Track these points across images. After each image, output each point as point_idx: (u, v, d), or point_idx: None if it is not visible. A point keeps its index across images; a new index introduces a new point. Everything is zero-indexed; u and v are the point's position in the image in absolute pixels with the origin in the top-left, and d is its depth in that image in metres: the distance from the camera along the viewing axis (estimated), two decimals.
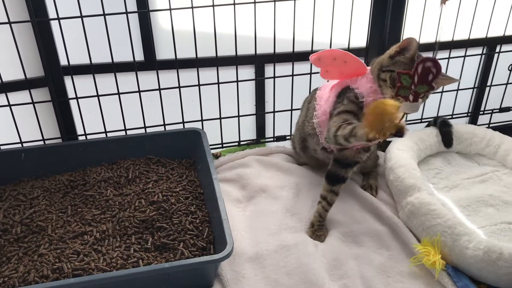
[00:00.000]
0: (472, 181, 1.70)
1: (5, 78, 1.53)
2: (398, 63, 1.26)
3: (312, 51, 1.69)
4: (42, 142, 1.67)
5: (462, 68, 1.85)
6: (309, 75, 1.75)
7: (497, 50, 1.90)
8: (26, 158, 1.60)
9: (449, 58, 1.81)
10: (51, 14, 1.50)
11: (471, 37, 1.80)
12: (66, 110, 1.69)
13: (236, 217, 1.53)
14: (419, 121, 1.94)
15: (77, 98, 1.62)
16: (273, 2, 1.59)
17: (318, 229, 1.47)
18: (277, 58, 1.71)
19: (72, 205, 1.48)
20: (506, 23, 1.79)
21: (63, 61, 1.60)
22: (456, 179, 1.72)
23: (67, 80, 1.63)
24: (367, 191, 1.63)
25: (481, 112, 2.03)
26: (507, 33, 1.83)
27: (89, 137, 1.71)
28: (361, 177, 1.71)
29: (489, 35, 1.83)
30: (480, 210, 1.56)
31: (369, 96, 1.32)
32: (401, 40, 1.74)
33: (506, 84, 1.94)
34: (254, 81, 1.81)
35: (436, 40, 1.67)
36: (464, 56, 1.84)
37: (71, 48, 1.54)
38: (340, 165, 1.45)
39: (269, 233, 1.48)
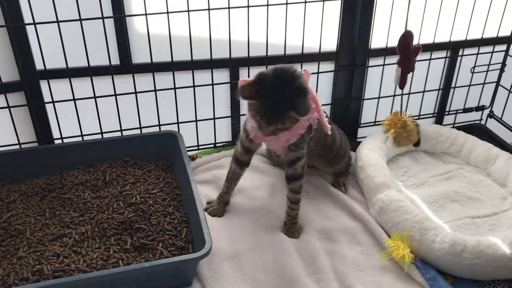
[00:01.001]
0: (439, 179, 1.78)
1: None
2: None
3: (285, 55, 1.75)
4: (18, 146, 1.67)
5: (428, 71, 1.94)
6: None
7: (460, 53, 1.98)
8: (2, 162, 1.60)
9: (415, 61, 1.89)
10: (27, 19, 1.51)
11: (436, 41, 1.88)
12: (42, 114, 1.69)
13: (214, 218, 1.57)
14: None
15: (53, 102, 1.63)
16: (247, 8, 1.63)
17: (291, 227, 1.51)
18: (251, 61, 1.75)
19: (50, 208, 1.49)
20: (468, 28, 1.88)
21: (39, 65, 1.60)
22: (423, 177, 1.79)
23: (43, 84, 1.63)
24: (336, 188, 1.69)
25: (446, 113, 2.11)
26: (469, 37, 1.91)
27: (65, 140, 1.72)
28: (332, 176, 1.77)
29: (453, 39, 1.91)
30: (446, 206, 1.64)
31: None
32: (369, 43, 1.82)
33: (469, 86, 2.03)
34: (229, 84, 1.84)
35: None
36: (430, 59, 1.92)
37: (47, 52, 1.55)
38: (287, 164, 1.49)
39: (245, 232, 1.52)
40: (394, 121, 1.50)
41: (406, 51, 1.44)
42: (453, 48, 1.98)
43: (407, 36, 1.42)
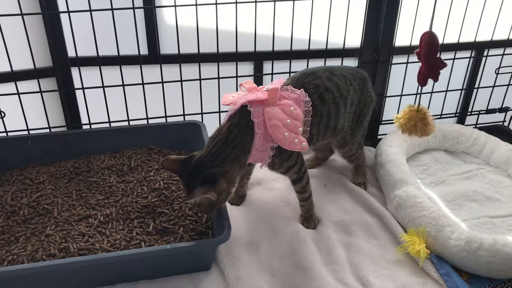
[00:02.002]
0: (458, 178, 1.79)
1: (15, 67, 1.59)
2: None
3: (309, 50, 1.77)
4: (48, 130, 1.74)
5: (451, 70, 1.94)
6: None
7: (485, 54, 1.98)
8: (32, 144, 1.67)
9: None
10: (61, 7, 1.57)
11: (461, 41, 1.88)
12: (72, 99, 1.75)
13: (233, 207, 1.62)
14: None
15: (83, 88, 1.68)
16: (273, 2, 1.66)
17: (307, 218, 1.54)
18: (275, 55, 1.78)
19: (77, 190, 1.55)
20: (493, 28, 1.87)
21: (71, 53, 1.66)
22: (442, 175, 1.80)
23: (74, 71, 1.70)
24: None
25: (469, 113, 2.11)
26: (494, 38, 1.90)
27: (93, 126, 1.78)
28: (351, 172, 1.79)
29: (478, 40, 1.91)
30: (464, 205, 1.65)
31: None
32: (394, 41, 1.83)
33: (493, 86, 2.02)
34: (252, 77, 1.88)
35: None
36: (453, 59, 1.92)
37: (79, 40, 1.61)
38: (280, 172, 1.50)
39: (263, 221, 1.56)
40: (411, 114, 1.48)
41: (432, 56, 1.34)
42: (478, 49, 1.98)
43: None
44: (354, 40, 1.85)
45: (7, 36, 1.53)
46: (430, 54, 1.33)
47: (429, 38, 1.32)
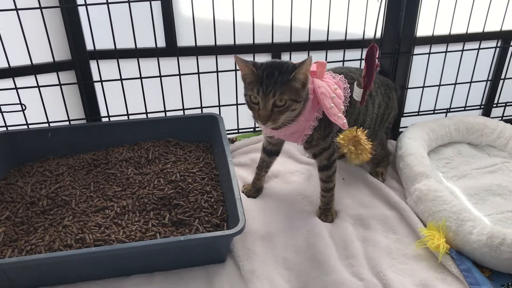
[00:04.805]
0: (482, 171, 1.74)
1: (34, 61, 1.61)
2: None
3: (327, 41, 1.74)
4: (67, 123, 1.76)
5: (476, 61, 1.88)
6: None
7: None
8: (52, 137, 1.69)
9: (462, 50, 1.84)
10: (79, 0, 1.58)
11: (486, 30, 1.81)
12: (91, 92, 1.77)
13: (249, 200, 1.61)
14: (432, 112, 1.97)
15: (101, 81, 1.70)
16: None
17: (325, 211, 1.53)
18: (293, 47, 1.76)
19: (95, 181, 1.57)
20: None
21: (89, 46, 1.68)
22: (465, 169, 1.75)
23: (93, 64, 1.71)
24: (374, 177, 1.68)
25: (494, 105, 2.04)
26: None
27: (112, 119, 1.79)
28: (370, 165, 1.76)
29: (504, 29, 1.84)
30: (487, 199, 1.60)
31: None
32: (415, 30, 1.79)
33: None
34: None
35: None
36: (478, 49, 1.86)
37: (97, 33, 1.62)
38: (312, 155, 1.50)
39: (280, 214, 1.54)
40: (348, 136, 1.36)
41: (371, 65, 1.30)
42: (504, 38, 1.91)
43: (373, 49, 1.28)
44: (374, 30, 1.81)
45: (27, 30, 1.55)
46: (369, 61, 1.31)
47: (369, 48, 1.30)
